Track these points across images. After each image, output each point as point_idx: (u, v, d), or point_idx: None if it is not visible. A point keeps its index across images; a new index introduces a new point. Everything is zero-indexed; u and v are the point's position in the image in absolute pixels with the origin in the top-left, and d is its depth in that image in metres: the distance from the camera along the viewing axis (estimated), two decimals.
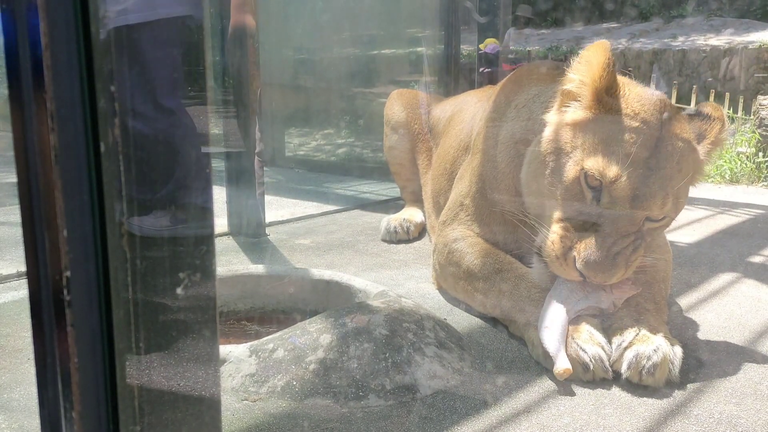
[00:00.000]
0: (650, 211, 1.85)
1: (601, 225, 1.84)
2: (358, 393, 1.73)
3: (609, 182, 1.83)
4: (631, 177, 1.82)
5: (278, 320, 2.44)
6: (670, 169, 1.86)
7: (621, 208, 1.84)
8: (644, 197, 1.83)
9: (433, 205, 3.21)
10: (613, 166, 1.82)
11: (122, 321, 0.73)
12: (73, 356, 0.72)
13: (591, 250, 1.82)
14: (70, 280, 0.70)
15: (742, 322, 2.32)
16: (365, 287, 2.36)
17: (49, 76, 0.65)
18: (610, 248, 1.82)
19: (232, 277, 2.47)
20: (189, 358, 0.79)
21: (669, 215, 1.90)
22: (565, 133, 1.95)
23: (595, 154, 1.86)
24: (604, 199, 1.86)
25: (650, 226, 1.90)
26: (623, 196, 1.83)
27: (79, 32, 0.66)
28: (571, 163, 1.91)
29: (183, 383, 0.79)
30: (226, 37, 3.30)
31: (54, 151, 0.67)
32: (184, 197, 0.77)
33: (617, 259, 1.83)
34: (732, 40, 9.44)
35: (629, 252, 1.86)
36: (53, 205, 0.69)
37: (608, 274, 1.84)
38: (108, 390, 0.74)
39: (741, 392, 1.81)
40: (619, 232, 1.83)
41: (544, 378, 1.88)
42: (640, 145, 1.84)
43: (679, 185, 1.89)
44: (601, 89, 1.91)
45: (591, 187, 1.87)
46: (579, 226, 1.88)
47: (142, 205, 0.70)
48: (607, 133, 1.87)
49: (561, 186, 1.93)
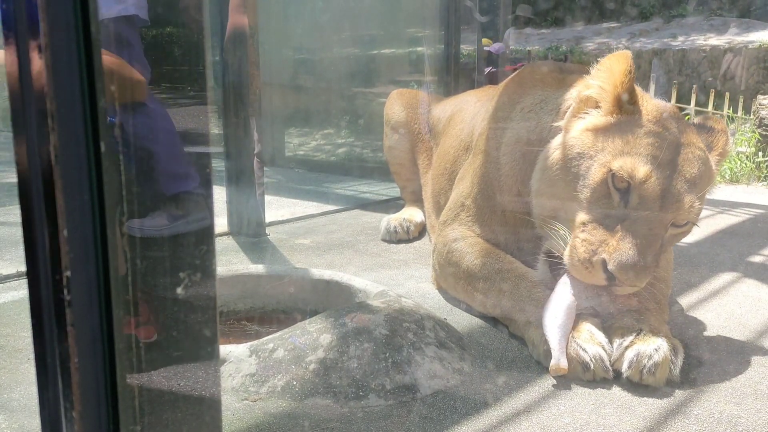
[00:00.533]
0: (677, 214, 1.85)
1: (631, 227, 1.82)
2: (358, 393, 1.73)
3: (639, 182, 1.82)
4: (660, 178, 1.83)
5: (278, 320, 2.44)
6: (692, 174, 1.87)
7: (650, 209, 1.83)
8: (672, 199, 1.83)
9: (434, 204, 3.21)
10: (642, 166, 1.82)
11: (122, 321, 0.73)
12: (74, 356, 0.72)
13: (624, 252, 1.79)
14: (71, 280, 0.70)
15: (742, 321, 2.32)
16: (365, 287, 2.36)
17: (49, 75, 0.65)
18: (643, 250, 1.80)
19: (232, 277, 2.47)
20: (189, 357, 0.79)
21: (692, 221, 1.90)
22: (587, 137, 1.95)
23: (622, 155, 1.86)
24: (633, 200, 1.84)
25: (673, 232, 1.89)
26: (652, 196, 1.83)
27: (79, 32, 0.66)
28: (596, 165, 1.90)
29: (183, 383, 0.79)
30: (225, 37, 3.30)
31: (54, 151, 0.67)
32: (174, 190, 0.76)
33: (649, 262, 1.81)
34: (732, 40, 9.44)
35: (657, 256, 1.85)
36: (54, 204, 0.69)
37: (642, 276, 1.82)
38: (108, 390, 0.74)
39: (741, 392, 1.81)
40: (650, 234, 1.82)
41: (545, 378, 1.88)
42: (665, 148, 1.85)
43: (701, 191, 1.89)
44: (621, 95, 1.92)
45: (618, 189, 1.86)
46: (605, 229, 1.86)
47: (141, 204, 0.70)
48: (632, 136, 1.88)
49: (585, 189, 1.91)
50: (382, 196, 4.62)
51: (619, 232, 1.82)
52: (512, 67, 6.89)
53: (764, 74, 9.06)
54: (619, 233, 1.82)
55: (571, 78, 2.22)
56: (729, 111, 6.43)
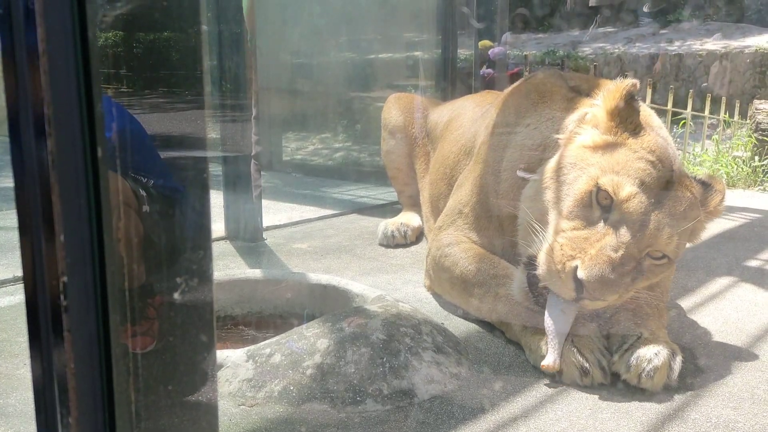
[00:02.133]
0: (655, 242, 1.85)
1: (607, 242, 1.83)
2: (355, 398, 1.73)
3: (620, 200, 1.84)
4: (642, 202, 1.84)
5: (275, 325, 2.44)
6: (677, 211, 1.88)
7: (628, 229, 1.84)
8: (652, 226, 1.84)
9: (431, 209, 3.21)
10: (628, 187, 1.85)
11: (119, 326, 0.72)
12: (70, 361, 0.71)
13: (597, 263, 1.80)
14: (67, 285, 0.70)
15: (739, 326, 2.32)
16: (362, 292, 2.36)
17: (46, 80, 0.65)
18: (615, 267, 1.81)
19: (229, 282, 2.47)
20: (186, 362, 0.79)
21: (669, 254, 1.89)
22: (582, 152, 1.99)
23: (610, 173, 1.89)
24: (613, 217, 1.85)
25: (650, 263, 1.89)
26: (632, 218, 1.83)
27: (77, 37, 0.66)
28: (585, 177, 1.92)
29: (180, 388, 0.78)
30: (223, 42, 3.30)
31: (51, 156, 0.67)
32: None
33: (618, 280, 1.81)
34: (728, 45, 9.48)
35: (629, 279, 1.85)
36: (50, 209, 0.69)
37: (609, 291, 1.82)
38: (105, 395, 0.74)
39: (738, 396, 1.81)
40: (624, 254, 1.83)
41: (542, 383, 1.88)
42: (655, 177, 1.88)
43: (683, 230, 1.90)
44: (616, 116, 1.97)
45: (601, 204, 1.88)
46: (583, 240, 1.87)
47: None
48: (625, 159, 1.91)
49: (570, 198, 1.93)
50: (379, 201, 4.62)
51: (595, 245, 1.83)
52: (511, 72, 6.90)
53: (760, 79, 9.09)
54: (594, 246, 1.83)
55: (579, 98, 2.24)
56: (725, 115, 6.45)
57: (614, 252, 1.82)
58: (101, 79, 0.67)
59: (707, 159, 5.75)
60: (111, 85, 1.97)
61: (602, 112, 2.01)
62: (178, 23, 1.04)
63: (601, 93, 2.06)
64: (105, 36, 0.89)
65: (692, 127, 6.01)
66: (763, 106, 5.67)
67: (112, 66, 1.01)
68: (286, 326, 2.39)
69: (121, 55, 1.41)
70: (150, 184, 1.37)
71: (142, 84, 1.69)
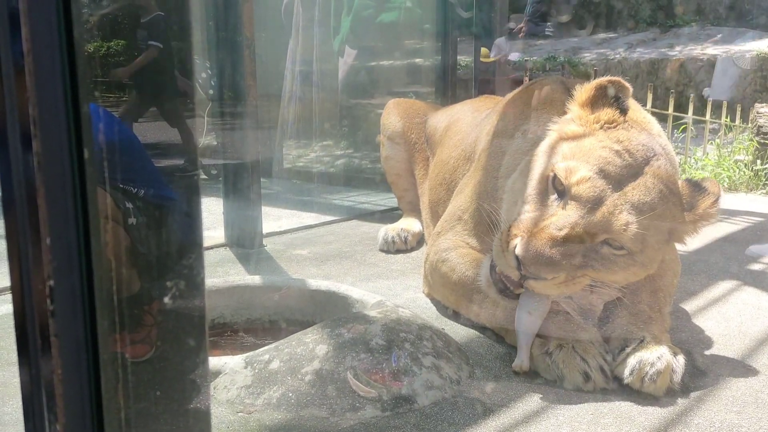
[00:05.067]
0: (608, 229, 1.83)
1: (554, 224, 1.84)
2: (354, 404, 1.71)
3: (571, 184, 1.85)
4: (596, 188, 1.84)
5: (274, 332, 2.42)
6: (640, 201, 1.85)
7: (583, 212, 1.83)
8: (605, 211, 1.82)
9: (431, 214, 3.19)
10: (581, 172, 1.86)
11: (107, 331, 0.71)
12: (57, 367, 0.70)
13: (535, 241, 1.82)
14: (54, 290, 0.69)
15: (742, 329, 2.30)
16: (362, 297, 2.34)
17: (31, 81, 0.64)
18: (555, 247, 1.80)
19: (228, 288, 2.46)
20: (177, 368, 0.78)
21: (629, 248, 1.86)
22: (553, 143, 2.03)
23: (569, 159, 1.92)
24: (565, 202, 1.87)
25: (609, 252, 1.87)
26: (581, 200, 1.84)
27: (62, 37, 0.65)
28: (546, 163, 1.97)
29: (171, 395, 0.77)
30: (222, 48, 3.30)
31: (37, 158, 0.66)
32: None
33: (558, 259, 1.80)
34: (729, 49, 9.48)
35: (574, 261, 1.83)
36: (37, 212, 0.68)
37: (544, 269, 1.81)
38: (93, 402, 0.72)
39: (742, 401, 1.79)
40: (569, 235, 1.82)
41: (543, 388, 1.86)
42: (616, 166, 1.87)
43: (649, 224, 1.86)
44: (587, 108, 2.01)
45: (557, 189, 1.90)
46: (529, 222, 1.89)
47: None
48: (589, 147, 1.92)
49: (531, 183, 1.97)
50: (380, 207, 4.61)
51: (541, 226, 1.84)
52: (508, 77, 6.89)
53: (761, 83, 9.09)
54: (540, 226, 1.84)
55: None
56: (727, 119, 6.44)
57: (556, 231, 1.82)
58: (88, 80, 0.66)
59: (709, 163, 5.73)
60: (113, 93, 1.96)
61: (575, 104, 2.05)
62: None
63: (581, 88, 2.10)
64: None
65: (694, 131, 5.98)
66: (765, 109, 5.66)
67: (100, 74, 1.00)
68: (285, 333, 2.38)
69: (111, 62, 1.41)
70: (140, 194, 1.36)
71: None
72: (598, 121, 1.97)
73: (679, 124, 5.99)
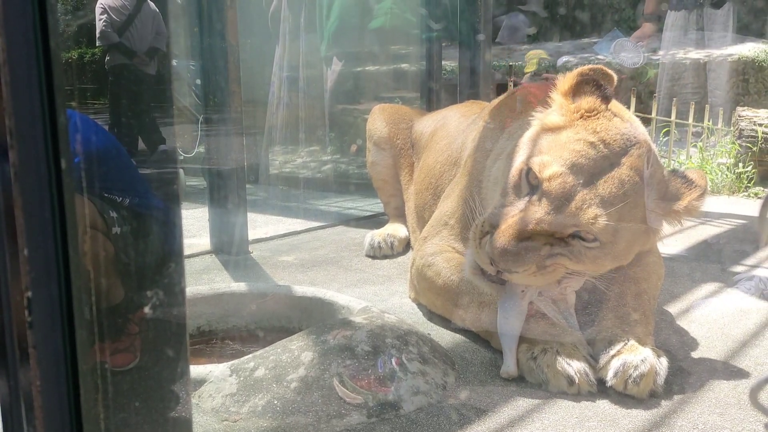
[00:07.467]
0: (578, 223, 1.85)
1: (524, 218, 1.86)
2: (340, 411, 1.71)
3: (543, 179, 1.87)
4: (567, 183, 1.86)
5: (260, 339, 2.41)
6: (610, 193, 1.87)
7: (551, 208, 1.85)
8: (575, 205, 1.85)
9: (417, 219, 3.20)
10: (554, 167, 1.88)
11: (86, 341, 0.71)
12: (36, 379, 0.70)
13: (503, 235, 1.84)
14: (32, 301, 0.68)
15: (725, 331, 2.32)
16: (348, 303, 2.34)
17: (7, 92, 0.64)
18: (522, 239, 1.83)
19: (213, 296, 2.45)
20: (156, 378, 0.77)
21: (601, 240, 1.87)
22: (532, 135, 2.05)
23: (544, 153, 1.94)
24: (537, 196, 1.89)
25: (581, 245, 1.88)
26: (551, 195, 1.86)
27: (38, 47, 0.64)
28: (522, 158, 1.98)
29: (151, 404, 0.77)
30: (206, 55, 3.29)
31: (14, 168, 0.65)
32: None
33: (526, 254, 1.83)
34: (711, 53, 9.59)
35: (544, 255, 1.86)
36: (14, 224, 0.67)
37: (513, 263, 1.84)
38: (72, 413, 0.72)
39: (724, 402, 1.81)
40: (538, 229, 1.85)
41: (528, 392, 1.87)
42: (590, 158, 1.88)
43: (622, 217, 1.88)
44: (569, 97, 2.02)
45: (531, 184, 1.92)
46: (502, 216, 1.91)
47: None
48: (564, 139, 1.94)
49: (508, 178, 1.99)
50: (366, 212, 4.61)
51: (510, 222, 1.87)
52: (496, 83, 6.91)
53: (743, 86, 9.19)
54: (509, 222, 1.87)
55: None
56: (709, 123, 6.50)
57: (525, 225, 1.84)
58: (65, 89, 0.66)
59: (692, 166, 5.78)
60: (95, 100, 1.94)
61: (557, 93, 2.06)
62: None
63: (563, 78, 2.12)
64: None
65: (677, 135, 6.04)
66: (746, 113, 5.72)
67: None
68: (271, 340, 2.37)
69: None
70: (125, 203, 1.36)
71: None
72: (578, 110, 1.98)
73: (663, 128, 6.05)
